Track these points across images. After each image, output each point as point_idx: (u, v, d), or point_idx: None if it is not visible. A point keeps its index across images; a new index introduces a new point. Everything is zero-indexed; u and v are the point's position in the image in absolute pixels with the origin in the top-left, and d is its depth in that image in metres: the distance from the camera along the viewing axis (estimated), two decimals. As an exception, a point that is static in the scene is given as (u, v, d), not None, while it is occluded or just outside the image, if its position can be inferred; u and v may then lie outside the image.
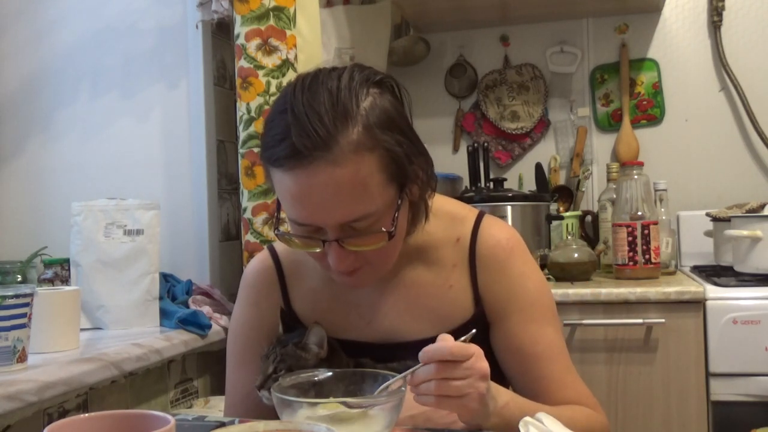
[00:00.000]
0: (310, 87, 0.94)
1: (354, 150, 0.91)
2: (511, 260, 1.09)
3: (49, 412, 1.36)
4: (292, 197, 0.94)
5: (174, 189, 2.05)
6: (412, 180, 0.99)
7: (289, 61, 1.86)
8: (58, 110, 2.14)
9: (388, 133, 0.94)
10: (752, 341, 1.79)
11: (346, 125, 0.91)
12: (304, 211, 0.95)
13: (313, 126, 0.90)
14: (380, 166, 0.93)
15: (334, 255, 0.97)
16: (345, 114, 0.92)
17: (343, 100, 0.92)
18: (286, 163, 0.92)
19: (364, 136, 0.92)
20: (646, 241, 2.05)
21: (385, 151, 0.93)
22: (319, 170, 0.90)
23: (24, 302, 1.30)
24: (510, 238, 1.11)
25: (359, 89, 0.94)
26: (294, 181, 0.92)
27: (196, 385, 1.86)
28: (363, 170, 0.92)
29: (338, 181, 0.91)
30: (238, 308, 1.20)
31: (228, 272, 2.07)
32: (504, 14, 2.54)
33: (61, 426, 0.67)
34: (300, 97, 0.93)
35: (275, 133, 0.94)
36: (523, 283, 1.09)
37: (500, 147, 2.66)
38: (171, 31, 2.06)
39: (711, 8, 2.50)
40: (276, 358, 1.04)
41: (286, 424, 0.74)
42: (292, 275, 1.16)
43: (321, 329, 1.06)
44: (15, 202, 2.16)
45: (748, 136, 2.47)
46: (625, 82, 2.55)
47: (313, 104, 0.92)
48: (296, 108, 0.92)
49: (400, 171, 0.96)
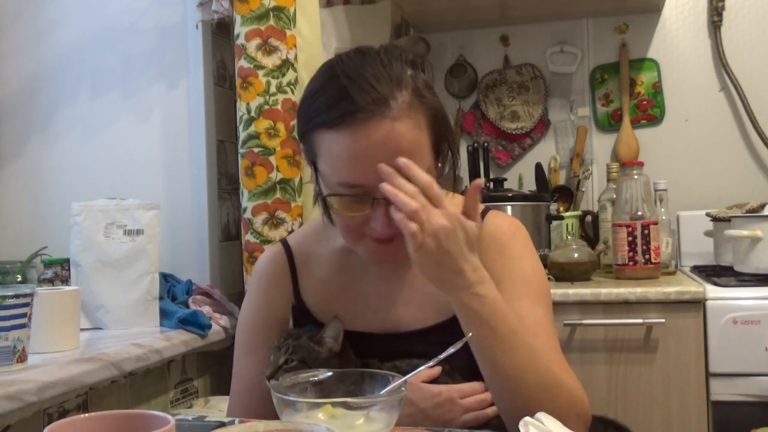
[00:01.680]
0: (356, 56, 1.00)
1: (409, 107, 0.97)
2: (511, 242, 1.13)
3: (49, 412, 1.36)
4: (349, 156, 0.96)
5: (174, 189, 2.05)
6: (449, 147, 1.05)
7: (289, 61, 1.86)
8: (58, 110, 2.14)
9: (431, 95, 1.01)
10: (752, 341, 1.79)
11: (400, 86, 0.97)
12: (360, 170, 0.97)
13: (372, 85, 0.96)
14: (428, 126, 1.00)
15: (381, 216, 0.99)
16: (398, 77, 0.98)
17: (393, 65, 0.99)
18: (346, 121, 0.95)
19: (414, 96, 0.98)
20: (646, 241, 2.05)
21: (433, 111, 1.00)
22: (378, 126, 0.95)
23: (24, 302, 1.30)
24: (512, 224, 1.16)
25: (402, 59, 1.01)
26: (352, 139, 0.95)
27: (196, 385, 1.86)
28: (416, 129, 0.97)
29: (396, 137, 0.95)
30: (248, 297, 1.22)
31: (228, 272, 2.07)
32: (504, 14, 2.54)
33: (61, 426, 0.67)
34: (351, 63, 0.99)
35: (329, 95, 0.98)
36: (521, 264, 1.11)
37: (500, 147, 2.66)
38: (171, 31, 2.06)
39: (711, 8, 2.50)
40: (288, 349, 1.06)
41: (286, 424, 0.74)
42: (303, 266, 1.18)
43: (339, 324, 1.08)
44: (15, 202, 2.16)
45: (748, 136, 2.48)
46: (625, 82, 2.55)
47: (367, 67, 0.98)
48: (350, 72, 0.97)
49: (442, 134, 1.03)
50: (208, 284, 1.99)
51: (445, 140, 1.04)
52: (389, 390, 0.89)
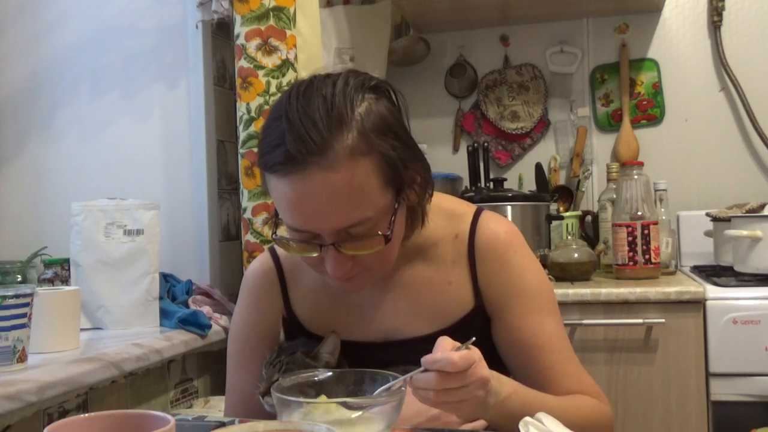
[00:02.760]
0: (305, 94, 0.94)
1: (349, 155, 0.91)
2: (509, 253, 1.09)
3: (49, 412, 1.36)
4: (288, 203, 0.94)
5: (174, 189, 2.05)
6: (408, 185, 0.99)
7: (289, 61, 1.86)
8: (58, 110, 2.14)
9: (383, 137, 0.94)
10: (752, 341, 1.79)
11: (341, 130, 0.91)
12: (300, 217, 0.95)
13: (308, 132, 0.91)
14: (376, 170, 0.93)
15: (331, 260, 0.97)
16: (340, 119, 0.92)
17: (337, 105, 0.93)
18: (281, 168, 0.92)
19: (359, 141, 0.92)
20: (646, 241, 2.05)
21: (381, 155, 0.93)
22: (313, 176, 0.91)
23: (24, 302, 1.30)
24: (508, 231, 1.12)
25: (354, 94, 0.94)
26: (289, 187, 0.93)
27: (196, 385, 1.86)
28: (359, 175, 0.92)
29: (333, 187, 0.91)
30: (238, 310, 1.21)
31: (228, 272, 2.07)
32: (504, 14, 2.54)
33: (61, 426, 0.67)
34: (295, 104, 0.93)
35: (271, 139, 0.94)
36: (523, 275, 1.09)
37: (500, 147, 2.66)
38: (171, 31, 2.06)
39: (711, 8, 2.50)
40: (282, 367, 1.04)
41: (286, 424, 0.74)
42: (293, 277, 1.16)
43: (337, 339, 1.07)
44: (15, 202, 2.16)
45: (748, 136, 2.47)
46: (625, 82, 2.55)
47: (307, 111, 0.92)
48: (291, 114, 0.93)
49: (397, 175, 0.96)
50: (208, 284, 1.99)
51: (399, 172, 0.96)
52: (389, 390, 0.89)
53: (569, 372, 1.08)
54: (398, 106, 1.00)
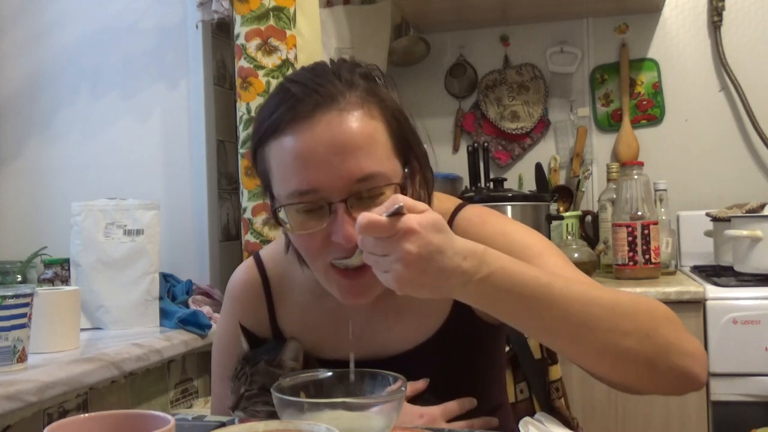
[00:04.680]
0: (306, 68, 0.93)
1: (361, 104, 0.88)
2: (485, 228, 0.99)
3: (49, 412, 1.36)
4: (295, 158, 0.87)
5: (174, 189, 2.05)
6: (413, 162, 0.95)
7: (289, 61, 1.86)
8: (58, 110, 2.14)
9: (390, 108, 0.92)
10: (752, 341, 1.79)
11: (351, 87, 0.90)
12: (307, 173, 0.87)
13: (319, 84, 0.88)
14: (385, 119, 0.90)
15: (340, 225, 0.87)
16: (348, 80, 0.90)
17: (344, 72, 0.91)
18: (290, 120, 0.87)
19: (368, 94, 0.90)
20: (646, 241, 2.05)
21: (389, 108, 0.91)
22: (324, 120, 0.86)
23: (24, 302, 1.31)
24: (481, 213, 1.03)
25: (357, 70, 0.94)
26: (296, 138, 0.87)
27: (196, 385, 1.86)
28: (370, 125, 0.88)
29: (345, 129, 0.86)
30: (222, 320, 1.16)
31: (228, 272, 2.04)
32: (504, 14, 2.54)
33: (61, 426, 0.67)
34: (299, 74, 0.92)
35: (275, 103, 0.91)
36: (507, 239, 0.96)
37: (500, 147, 2.66)
38: (171, 31, 2.06)
39: (711, 8, 2.50)
40: (247, 378, 1.01)
41: (286, 424, 0.74)
42: (279, 290, 1.11)
43: (297, 343, 1.03)
44: (15, 202, 2.16)
45: (748, 136, 2.47)
46: (625, 82, 2.55)
47: (313, 75, 0.91)
48: (297, 79, 0.91)
49: (405, 146, 0.93)
50: (208, 284, 1.99)
51: (407, 141, 0.92)
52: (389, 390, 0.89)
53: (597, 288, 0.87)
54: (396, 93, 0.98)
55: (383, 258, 0.76)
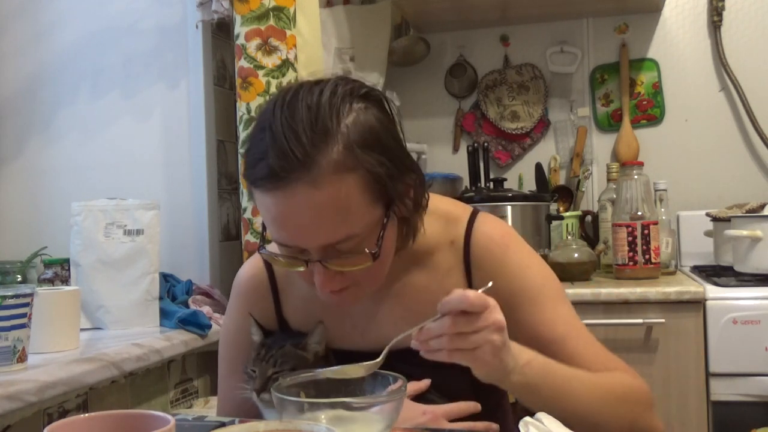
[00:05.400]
0: (289, 104, 0.90)
1: (333, 171, 0.87)
2: (508, 256, 1.06)
3: (49, 412, 1.36)
4: (273, 219, 0.92)
5: (174, 189, 2.05)
6: (400, 198, 0.95)
7: (289, 61, 1.86)
8: (58, 110, 2.14)
9: (370, 152, 0.90)
10: (752, 341, 1.79)
11: (326, 144, 0.87)
12: (285, 233, 0.92)
13: (291, 146, 0.87)
14: (362, 186, 0.90)
15: (318, 276, 0.94)
16: (325, 132, 0.88)
17: (323, 117, 0.88)
18: (265, 184, 0.89)
19: (344, 155, 0.88)
20: (646, 241, 2.05)
21: (368, 171, 0.89)
22: (297, 192, 0.87)
23: (24, 302, 1.31)
24: (504, 234, 1.09)
25: (341, 105, 0.90)
26: (273, 202, 0.90)
27: (196, 385, 1.86)
28: (344, 192, 0.88)
29: (318, 204, 0.88)
30: (229, 315, 1.18)
31: (228, 272, 2.07)
32: (504, 14, 2.54)
33: (61, 426, 0.67)
34: (279, 114, 0.90)
35: (255, 152, 0.91)
36: (525, 274, 1.06)
37: (500, 147, 2.66)
38: (171, 31, 2.06)
39: (711, 8, 2.50)
40: (276, 360, 1.03)
41: (286, 424, 0.74)
42: (285, 283, 1.14)
43: (324, 328, 1.06)
44: (15, 202, 2.16)
45: (748, 136, 2.47)
46: (625, 82, 2.55)
47: (291, 123, 0.88)
48: (275, 126, 0.89)
49: (385, 191, 0.92)
50: (208, 284, 1.99)
51: (390, 194, 0.93)
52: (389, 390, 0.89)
53: (595, 353, 1.04)
54: (390, 115, 0.96)
55: (474, 335, 0.84)
